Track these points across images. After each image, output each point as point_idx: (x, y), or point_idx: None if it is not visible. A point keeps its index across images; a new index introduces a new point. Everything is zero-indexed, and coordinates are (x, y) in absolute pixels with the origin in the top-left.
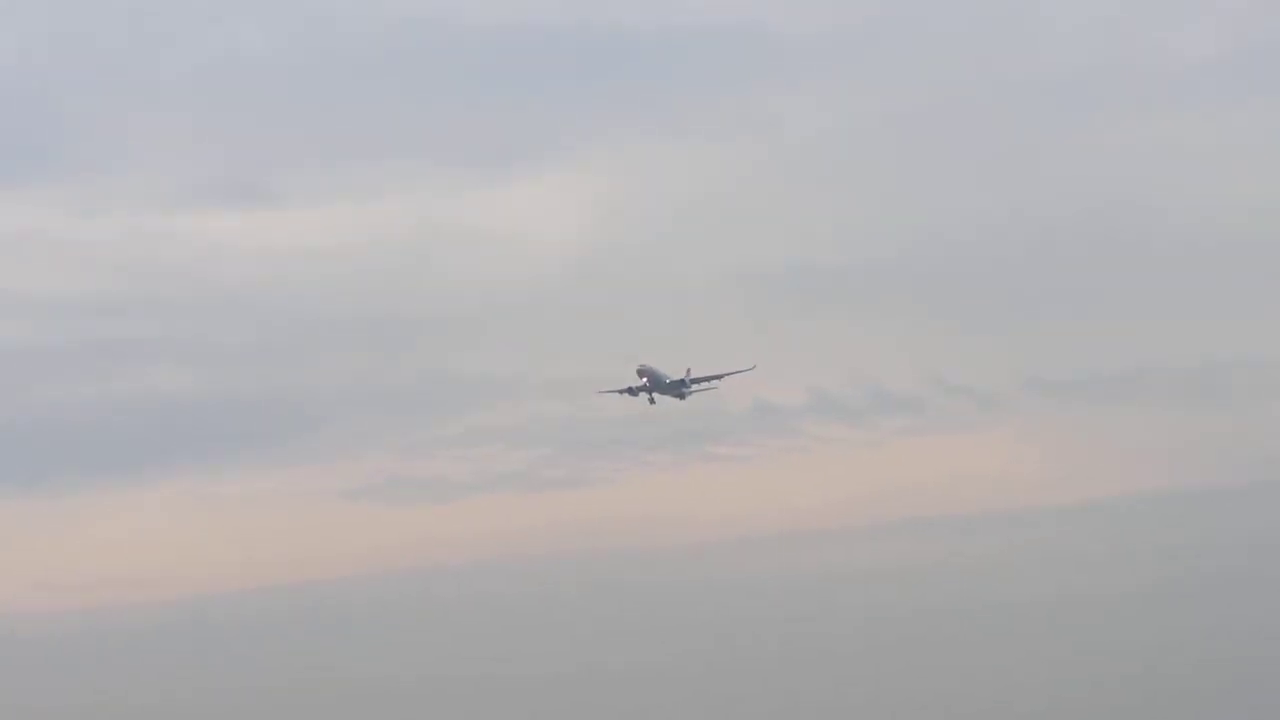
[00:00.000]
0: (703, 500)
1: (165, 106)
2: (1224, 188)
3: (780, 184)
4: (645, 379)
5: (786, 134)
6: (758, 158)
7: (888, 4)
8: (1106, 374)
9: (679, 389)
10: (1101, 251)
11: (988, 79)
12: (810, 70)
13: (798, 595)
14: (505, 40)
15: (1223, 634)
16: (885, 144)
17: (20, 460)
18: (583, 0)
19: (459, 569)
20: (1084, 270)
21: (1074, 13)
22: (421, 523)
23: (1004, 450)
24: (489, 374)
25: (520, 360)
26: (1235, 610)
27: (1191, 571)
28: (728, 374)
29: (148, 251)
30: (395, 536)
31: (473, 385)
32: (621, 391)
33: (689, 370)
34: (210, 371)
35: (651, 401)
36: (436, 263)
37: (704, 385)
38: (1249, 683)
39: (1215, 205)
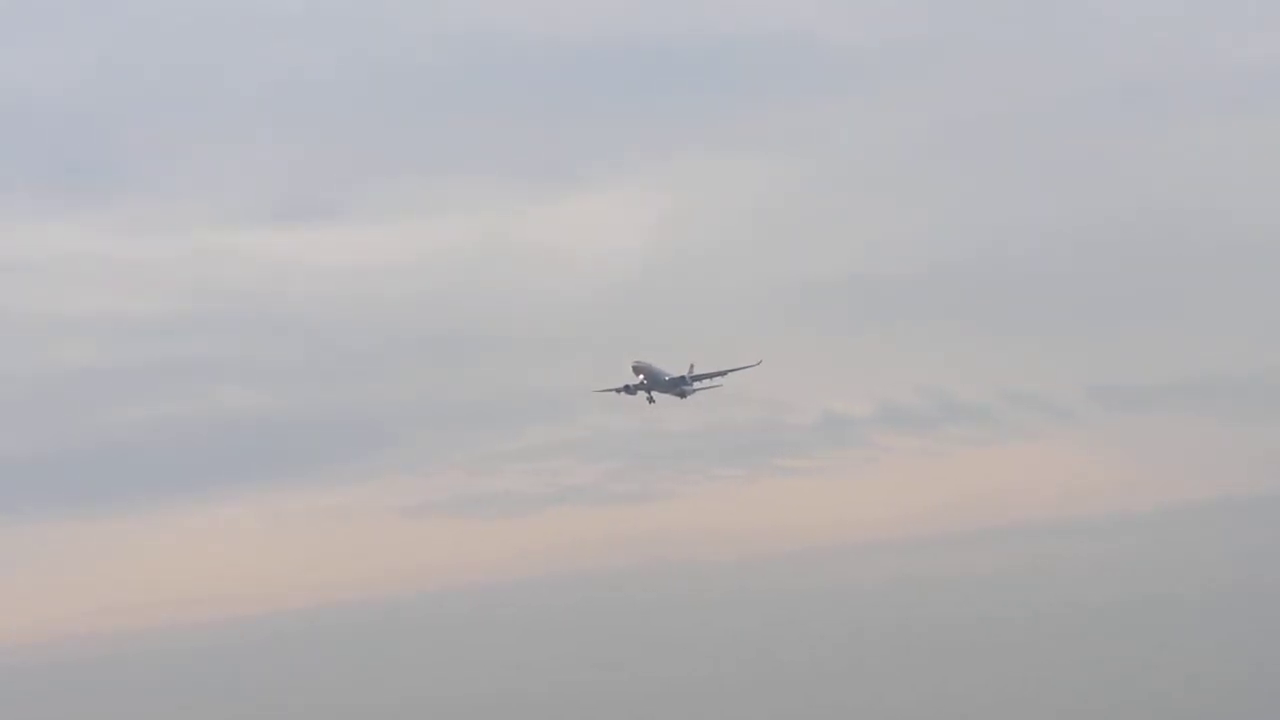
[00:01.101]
0: (771, 512)
1: (228, 125)
2: None
3: (841, 195)
4: (642, 376)
5: (845, 145)
6: (817, 169)
7: (942, 13)
8: (1173, 381)
9: (679, 386)
10: (1166, 257)
11: (1045, 85)
12: (866, 81)
13: (866, 606)
14: (565, 56)
15: None
16: (945, 152)
17: (86, 481)
18: (641, 16)
19: (528, 583)
20: (1149, 277)
21: (1133, 18)
22: (490, 538)
23: (1071, 459)
24: (554, 388)
25: (585, 374)
26: None
27: (1262, 577)
28: (732, 370)
29: (212, 271)
30: (463, 552)
31: (538, 400)
32: (618, 390)
33: (692, 366)
34: (275, 390)
35: (650, 400)
36: (500, 278)
37: (708, 383)
38: None
39: None
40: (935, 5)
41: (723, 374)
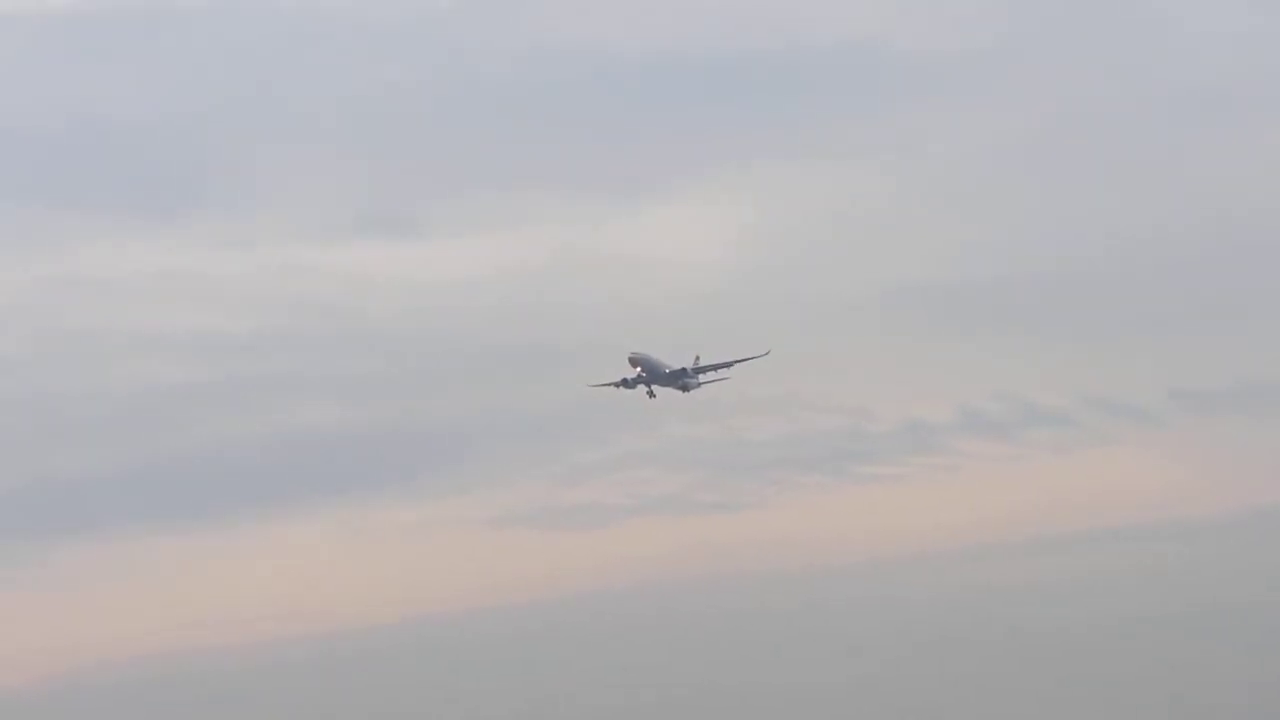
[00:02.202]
0: (853, 520)
1: (307, 142)
2: None
3: (918, 202)
4: (639, 369)
5: (923, 152)
6: (895, 177)
7: (1018, 20)
8: (1255, 384)
9: (680, 380)
10: (1246, 260)
11: (1125, 90)
12: (945, 87)
13: (949, 612)
14: (641, 67)
15: None
16: (1024, 159)
17: (170, 498)
18: (713, 24)
19: (614, 593)
20: (1229, 280)
21: (1212, 22)
22: (574, 549)
23: (1154, 463)
24: (633, 399)
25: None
26: None
27: None
28: (738, 361)
29: (292, 286)
30: (547, 564)
31: (621, 410)
32: (616, 385)
33: (697, 358)
34: (358, 404)
35: (650, 395)
36: (580, 290)
37: (713, 376)
38: None
39: None
40: (1011, 12)
41: (728, 365)
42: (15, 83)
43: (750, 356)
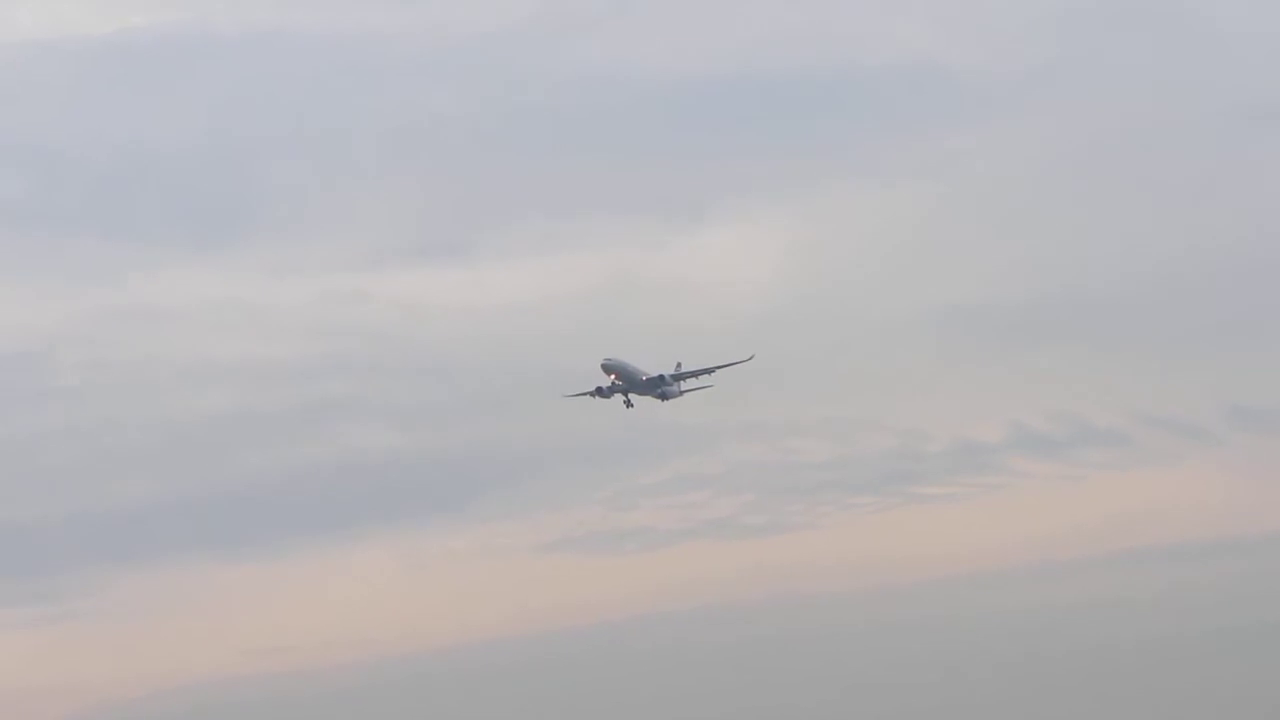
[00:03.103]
0: (906, 541)
1: (357, 169)
2: None
3: (970, 221)
4: (614, 376)
5: (973, 171)
6: (946, 196)
7: (1070, 39)
8: None
9: (658, 387)
10: None
11: (1173, 108)
12: (994, 107)
13: (1005, 631)
14: (691, 90)
15: None
16: (1074, 177)
17: (225, 526)
18: (765, 49)
19: (666, 618)
20: None
21: (1263, 39)
22: (626, 573)
23: (1210, 480)
24: (687, 422)
25: (718, 407)
26: None
27: None
28: (720, 367)
29: (345, 313)
30: (600, 588)
31: (671, 434)
32: (590, 394)
33: (679, 365)
34: (410, 430)
35: (628, 404)
36: (631, 314)
37: (695, 383)
38: None
39: None
40: (1062, 31)
41: (710, 372)
42: (63, 113)
43: (733, 362)
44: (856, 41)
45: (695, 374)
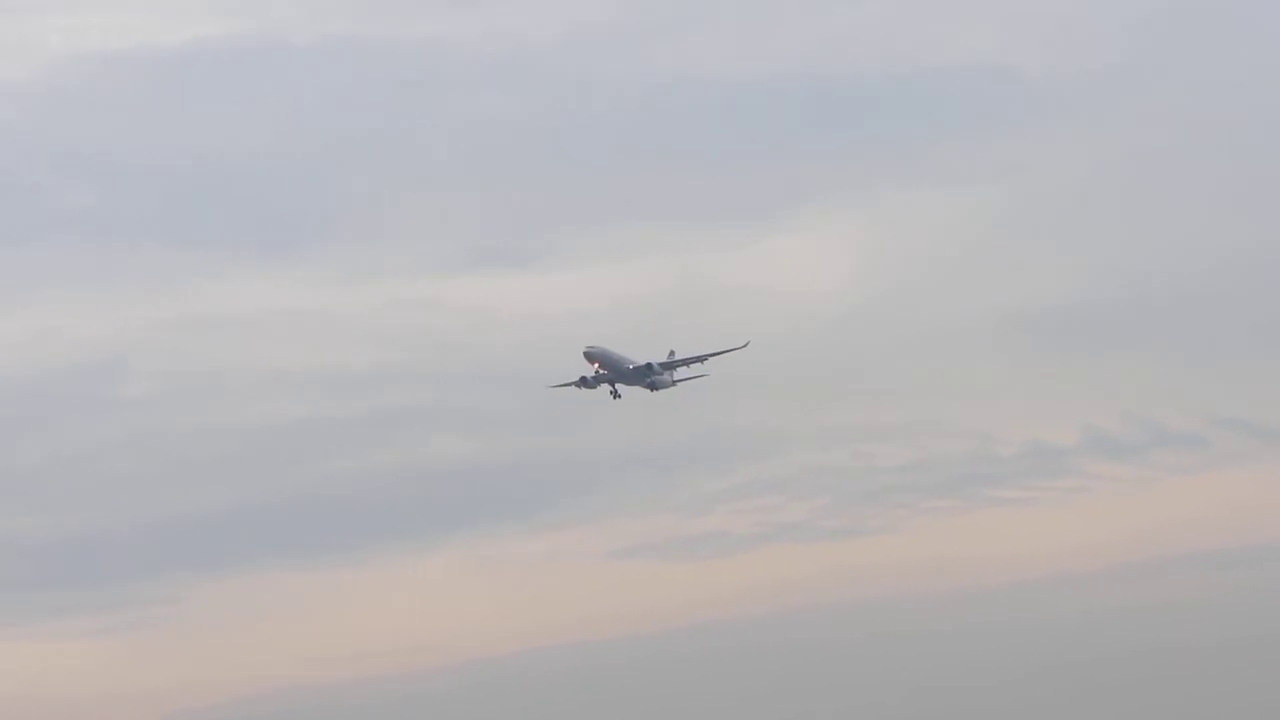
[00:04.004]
0: (980, 544)
1: (424, 176)
2: None
3: (1041, 224)
4: (598, 365)
5: (1043, 174)
6: (1016, 199)
7: (1138, 41)
8: None
9: (646, 377)
10: None
11: (1242, 109)
12: (1063, 109)
13: (1080, 633)
14: (758, 95)
15: None
16: (1143, 178)
17: (299, 533)
18: (833, 51)
19: (740, 623)
20: None
21: None
22: (700, 578)
23: None
24: (758, 426)
25: (789, 411)
26: None
27: None
28: (713, 354)
29: (414, 320)
30: (674, 593)
31: (743, 438)
32: (575, 384)
33: (672, 353)
34: (481, 437)
35: (615, 395)
36: (700, 319)
37: (686, 372)
38: None
39: None
40: (1129, 34)
41: (701, 360)
42: (134, 124)
43: (728, 349)
44: (925, 45)
45: (686, 362)
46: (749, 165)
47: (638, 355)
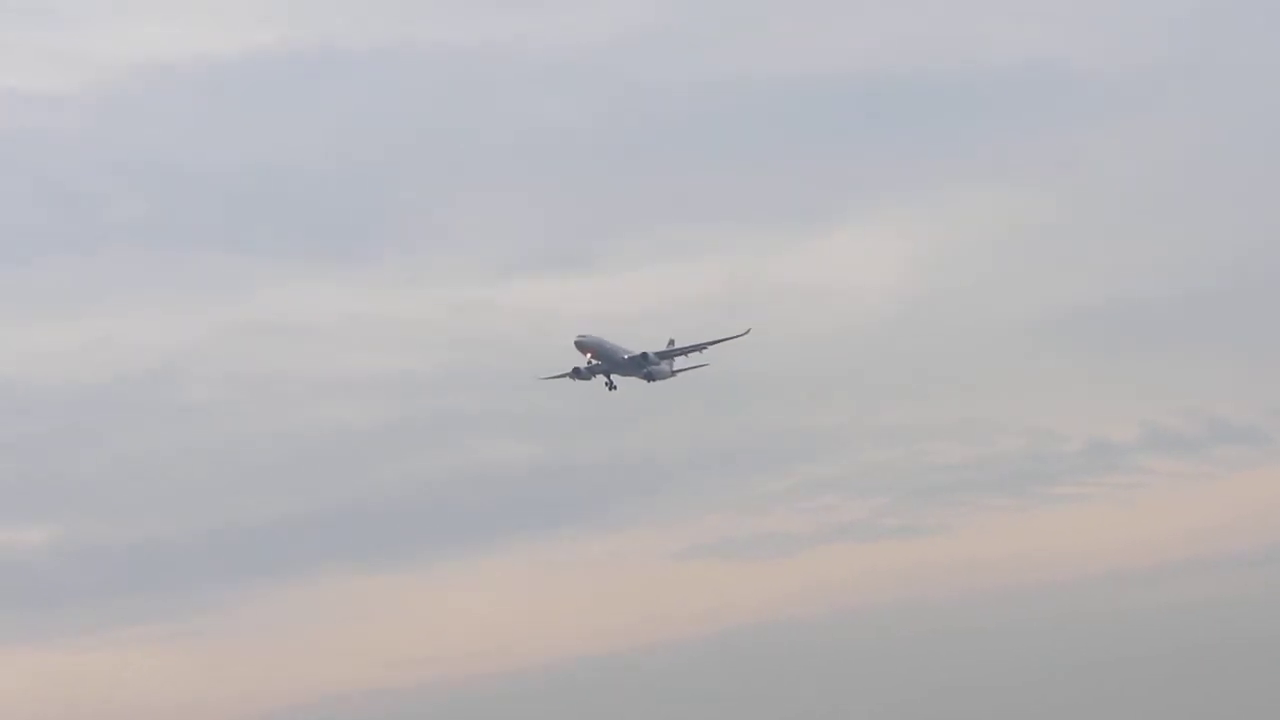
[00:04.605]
0: (1040, 542)
1: (481, 180)
2: None
3: (1097, 220)
4: (590, 355)
5: (1099, 170)
6: (1072, 195)
7: (1197, 35)
8: None
9: (643, 367)
10: None
11: None
12: (1118, 105)
13: (1141, 629)
14: (809, 93)
15: None
16: (1199, 174)
17: (360, 539)
18: (890, 49)
19: (803, 622)
20: None
21: None
22: (761, 578)
23: None
24: (818, 426)
25: (848, 410)
26: None
27: None
28: (713, 342)
29: (473, 324)
30: (735, 593)
31: (803, 437)
32: (568, 375)
33: (671, 341)
34: (542, 439)
35: (610, 386)
36: (758, 319)
37: (684, 361)
38: None
39: None
40: (1189, 29)
41: (700, 349)
42: (191, 132)
43: (729, 336)
44: (982, 41)
45: (684, 351)
46: (804, 164)
47: (633, 344)
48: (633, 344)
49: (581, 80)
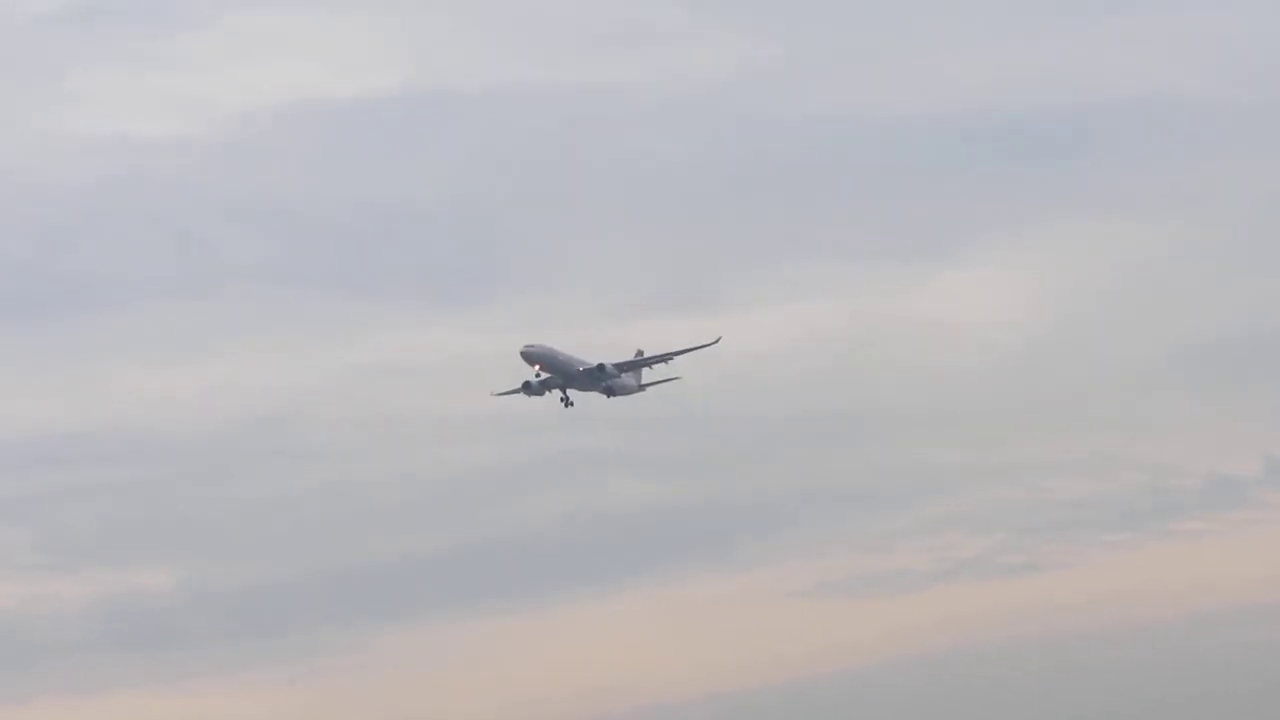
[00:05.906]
0: (1163, 577)
1: (597, 220)
2: None
3: (1216, 254)
4: (539, 367)
5: (1218, 203)
6: (1192, 229)
7: None
8: None
9: (601, 380)
10: None
11: None
12: (1236, 138)
13: (1263, 667)
14: (926, 129)
15: None
16: None
17: (484, 580)
18: (1005, 85)
19: (925, 660)
20: None
21: None
22: (883, 616)
23: None
24: (938, 463)
25: (968, 447)
26: None
27: None
28: (681, 351)
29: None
30: (858, 632)
31: (923, 475)
32: (519, 391)
33: (640, 352)
34: (664, 479)
35: (566, 403)
36: (876, 356)
37: (655, 376)
38: None
39: None
40: None
41: (665, 359)
42: (308, 175)
43: (697, 346)
44: (1097, 77)
45: (649, 362)
46: (922, 200)
47: (588, 356)
48: (588, 357)
49: (693, 118)
